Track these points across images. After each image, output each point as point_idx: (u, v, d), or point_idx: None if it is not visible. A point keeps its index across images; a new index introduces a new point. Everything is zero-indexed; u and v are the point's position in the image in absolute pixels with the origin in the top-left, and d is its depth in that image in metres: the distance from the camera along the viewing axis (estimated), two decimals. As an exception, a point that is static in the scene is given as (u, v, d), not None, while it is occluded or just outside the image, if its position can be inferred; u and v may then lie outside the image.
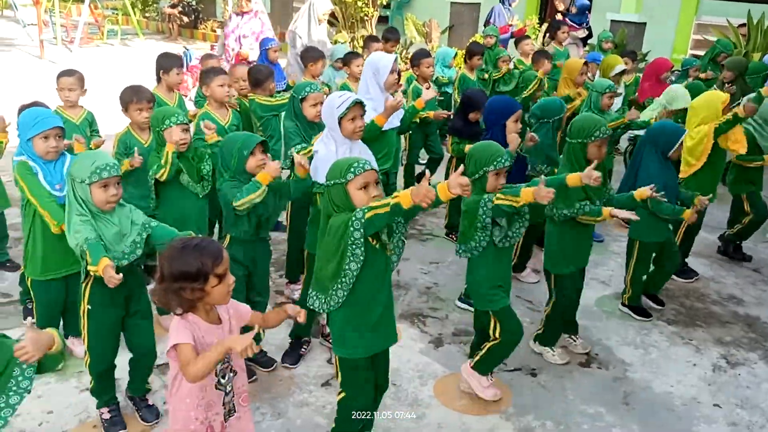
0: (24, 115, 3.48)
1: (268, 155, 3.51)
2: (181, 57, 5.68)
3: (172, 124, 3.76)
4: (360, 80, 4.71)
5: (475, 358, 3.65)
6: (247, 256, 3.55)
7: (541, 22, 12.36)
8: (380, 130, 4.33)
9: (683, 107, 5.35)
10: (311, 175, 3.60)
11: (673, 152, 4.23)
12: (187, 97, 7.60)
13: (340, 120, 3.52)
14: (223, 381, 2.50)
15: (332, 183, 2.79)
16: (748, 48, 9.38)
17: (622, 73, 6.81)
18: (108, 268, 2.74)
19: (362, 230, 2.66)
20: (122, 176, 3.08)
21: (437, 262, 5.39)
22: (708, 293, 5.12)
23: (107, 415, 3.33)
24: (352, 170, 2.74)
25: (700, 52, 10.38)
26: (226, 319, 2.49)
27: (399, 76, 4.87)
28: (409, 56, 7.46)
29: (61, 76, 4.66)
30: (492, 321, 3.52)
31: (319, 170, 3.53)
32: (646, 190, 3.79)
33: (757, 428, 3.62)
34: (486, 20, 10.71)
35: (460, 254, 3.50)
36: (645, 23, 11.74)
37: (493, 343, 3.54)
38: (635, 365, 4.12)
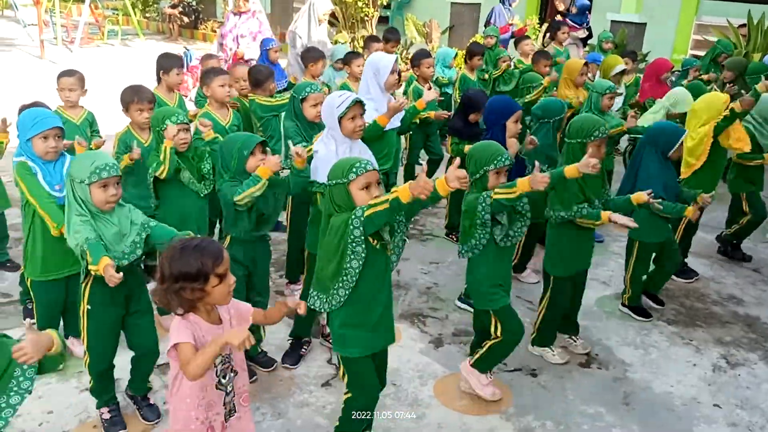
0: (23, 116, 3.48)
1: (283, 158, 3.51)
2: (182, 57, 5.68)
3: (171, 123, 3.76)
4: (361, 80, 4.72)
5: (475, 356, 3.65)
6: (247, 257, 3.56)
7: (542, 23, 12.36)
8: (382, 130, 4.33)
9: (686, 111, 5.34)
10: (311, 174, 3.61)
11: (674, 152, 4.23)
12: (187, 97, 7.61)
13: (340, 119, 3.52)
14: (223, 381, 2.50)
15: (334, 183, 2.79)
16: (748, 48, 9.37)
17: (623, 73, 6.81)
18: (108, 267, 2.74)
19: (362, 228, 2.67)
20: (122, 176, 3.08)
21: (437, 262, 5.39)
22: (708, 293, 5.12)
23: (107, 415, 3.33)
24: (354, 170, 2.74)
25: (700, 53, 10.39)
26: (226, 319, 2.49)
27: (399, 76, 4.87)
28: (409, 57, 7.46)
29: (62, 76, 4.67)
30: (493, 320, 3.52)
31: (320, 170, 3.53)
32: (643, 195, 3.79)
33: (757, 429, 3.62)
34: (486, 21, 10.72)
35: (462, 254, 3.50)
36: (645, 23, 11.74)
37: (494, 341, 3.55)
38: (635, 365, 4.12)
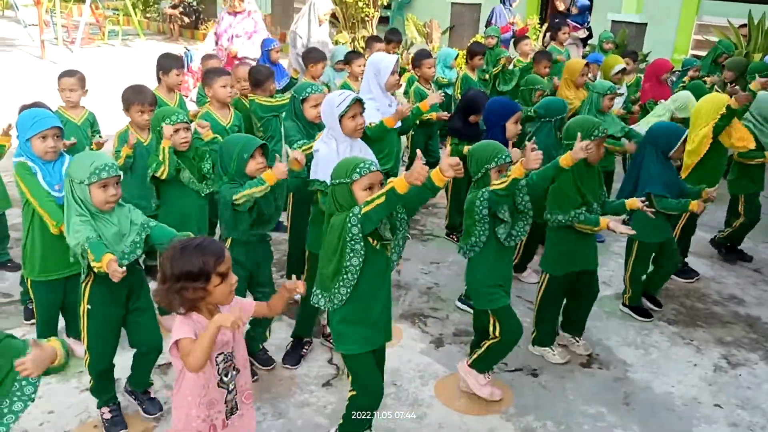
0: (23, 116, 3.48)
1: (282, 160, 3.51)
2: (182, 58, 5.68)
3: (171, 123, 3.76)
4: (362, 80, 4.72)
5: (473, 356, 3.65)
6: (249, 258, 3.54)
7: (542, 23, 12.36)
8: (388, 131, 4.40)
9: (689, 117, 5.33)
10: (312, 173, 3.61)
11: (674, 153, 4.23)
12: (188, 97, 7.61)
13: (340, 118, 3.52)
14: (225, 379, 2.50)
15: (337, 182, 2.80)
16: (749, 48, 9.36)
17: (623, 72, 6.80)
18: (112, 262, 2.75)
19: (360, 225, 2.67)
20: (123, 176, 3.08)
21: (438, 263, 5.39)
22: (709, 293, 5.12)
23: (108, 415, 3.33)
24: (358, 170, 2.75)
25: (701, 53, 10.38)
26: None
27: (399, 77, 4.88)
28: (410, 57, 7.45)
29: (63, 76, 4.67)
30: (491, 320, 3.52)
31: (320, 169, 3.53)
32: (636, 202, 3.85)
33: (758, 429, 3.62)
34: (487, 21, 10.71)
35: (463, 252, 3.49)
36: (646, 24, 11.72)
37: (492, 341, 3.55)
38: (636, 365, 4.12)
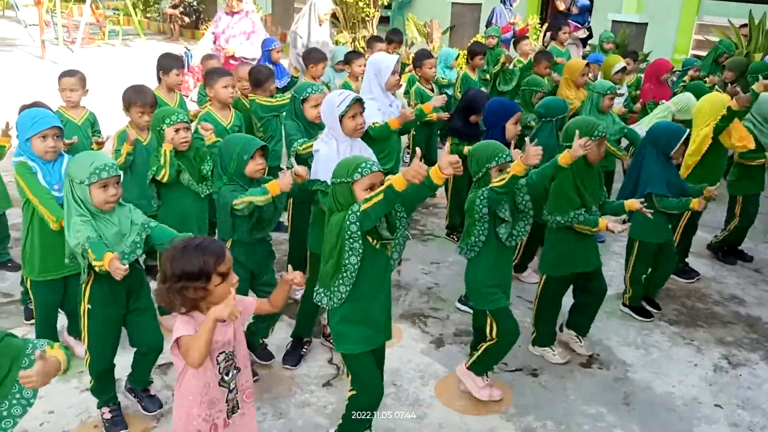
0: (22, 116, 3.48)
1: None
2: (182, 58, 5.68)
3: (171, 122, 3.77)
4: (363, 80, 4.73)
5: (470, 359, 3.65)
6: (249, 258, 3.54)
7: (542, 22, 12.36)
8: (392, 132, 4.43)
9: (691, 119, 5.32)
10: (312, 174, 3.61)
11: (675, 153, 4.23)
12: (188, 97, 7.61)
13: (341, 118, 3.52)
14: (226, 378, 2.50)
15: (338, 181, 2.80)
16: (749, 48, 9.36)
17: (623, 71, 6.79)
18: (114, 260, 2.75)
19: (358, 223, 2.67)
20: (123, 176, 3.09)
21: (438, 263, 5.39)
22: (709, 293, 5.12)
23: (108, 415, 3.33)
24: (359, 170, 2.75)
25: (701, 53, 10.38)
26: None
27: (400, 77, 4.88)
28: (410, 57, 7.45)
29: (63, 76, 4.67)
30: (488, 320, 3.51)
31: (320, 169, 3.53)
32: (635, 203, 3.85)
33: (758, 429, 3.62)
34: (488, 21, 10.72)
35: (463, 252, 3.49)
36: (646, 23, 11.72)
37: (489, 343, 3.54)
38: (636, 365, 4.12)
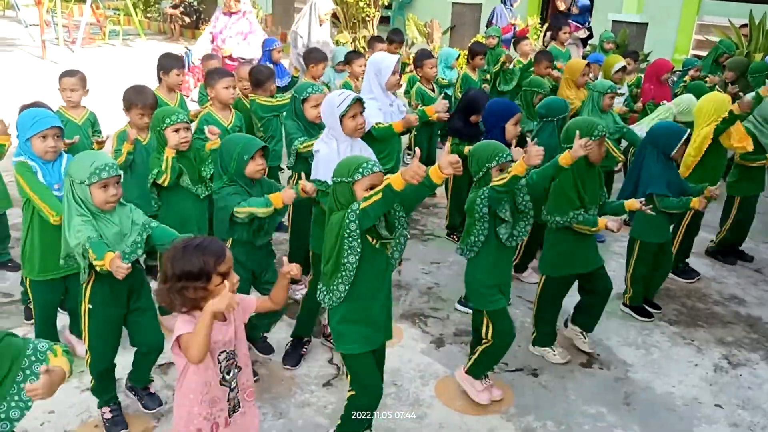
0: (22, 116, 3.48)
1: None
2: (182, 58, 5.68)
3: (171, 122, 3.77)
4: (363, 80, 4.73)
5: (468, 363, 3.65)
6: (249, 258, 3.54)
7: (543, 22, 12.36)
8: (395, 135, 4.47)
9: (692, 120, 5.32)
10: (312, 174, 3.61)
11: (675, 153, 4.23)
12: (188, 97, 7.61)
13: (341, 118, 3.52)
14: (227, 377, 2.50)
15: (339, 181, 2.80)
16: (749, 48, 9.35)
17: (623, 70, 6.79)
18: (115, 259, 2.75)
19: (357, 222, 2.67)
20: (124, 176, 3.09)
21: (438, 263, 5.39)
22: (709, 293, 5.11)
23: (109, 415, 3.33)
24: (360, 170, 2.75)
25: (702, 53, 10.37)
26: (231, 317, 2.49)
27: (400, 77, 4.89)
28: (411, 57, 7.46)
29: (63, 76, 4.67)
30: (485, 321, 3.50)
31: (321, 169, 3.54)
32: (635, 203, 3.86)
33: (758, 429, 3.62)
34: (488, 21, 10.71)
35: (462, 252, 3.49)
36: (647, 23, 11.72)
37: (485, 345, 3.54)
38: (636, 365, 4.12)
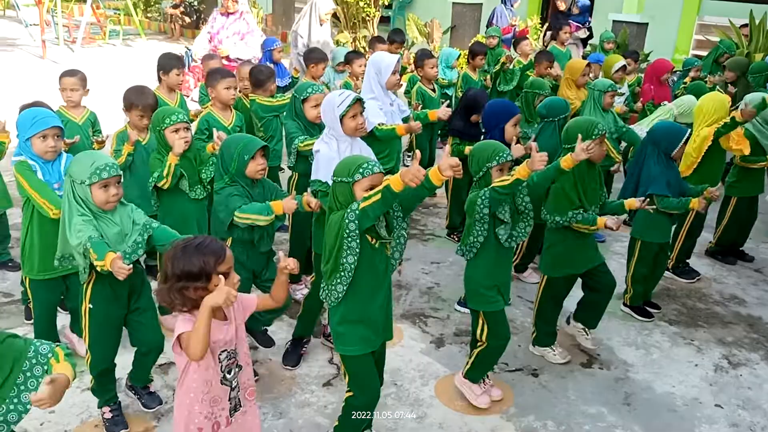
0: (22, 115, 3.48)
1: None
2: (182, 57, 5.68)
3: (171, 122, 3.77)
4: (363, 79, 4.72)
5: (465, 367, 3.65)
6: (250, 258, 3.54)
7: (543, 22, 12.35)
8: (398, 138, 4.53)
9: (692, 121, 5.31)
10: (312, 175, 3.61)
11: (677, 152, 4.23)
12: (188, 97, 7.61)
13: (341, 118, 3.52)
14: (228, 376, 2.50)
15: (339, 180, 2.80)
16: (750, 48, 9.34)
17: (623, 69, 6.79)
18: (116, 260, 2.74)
19: (357, 222, 2.66)
20: (123, 175, 3.08)
21: (438, 263, 5.39)
22: (710, 293, 5.11)
23: (109, 415, 3.33)
24: (360, 171, 2.74)
25: (702, 53, 10.37)
26: (232, 316, 2.49)
27: (400, 77, 4.89)
28: (411, 56, 7.45)
29: (64, 76, 4.67)
30: (480, 322, 3.50)
31: (321, 170, 3.53)
32: (635, 202, 3.87)
33: (758, 429, 3.62)
34: (488, 21, 10.71)
35: (462, 253, 3.48)
36: (647, 23, 11.72)
37: (479, 348, 3.54)
38: (637, 365, 4.12)
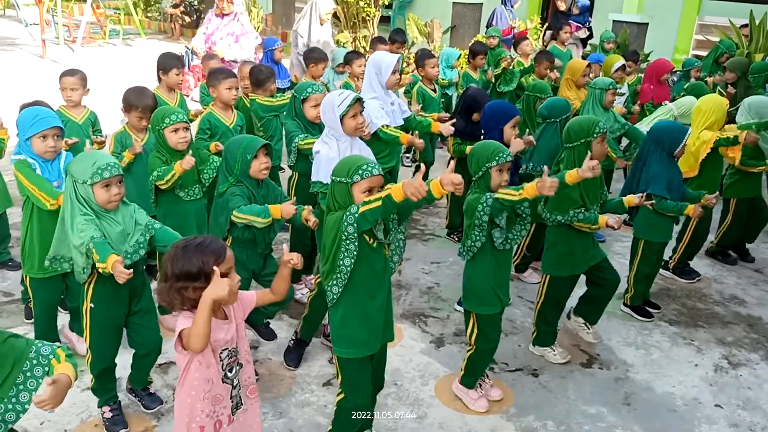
0: (23, 115, 3.48)
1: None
2: (182, 57, 5.68)
3: (171, 122, 3.77)
4: (364, 79, 4.72)
5: (460, 374, 3.65)
6: (250, 258, 3.54)
7: (543, 22, 12.35)
8: (399, 143, 4.56)
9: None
10: (312, 175, 3.61)
11: (678, 151, 4.23)
12: (188, 96, 7.61)
13: (341, 118, 3.52)
14: (230, 374, 2.50)
15: (337, 180, 2.79)
16: (750, 48, 9.34)
17: (623, 69, 6.79)
18: (117, 263, 2.74)
19: (355, 225, 2.66)
20: (124, 175, 3.08)
21: (438, 262, 5.39)
22: (710, 294, 5.11)
23: (109, 414, 3.33)
24: (359, 172, 2.73)
25: (702, 53, 10.38)
26: (232, 315, 2.49)
27: (400, 76, 4.89)
28: (412, 57, 7.46)
29: (64, 75, 4.67)
30: (471, 323, 3.49)
31: (322, 170, 3.53)
32: (633, 198, 3.87)
33: (758, 429, 3.62)
34: (488, 22, 10.71)
35: (461, 254, 3.48)
36: (647, 23, 11.72)
37: (469, 353, 3.55)
38: (637, 366, 4.12)
